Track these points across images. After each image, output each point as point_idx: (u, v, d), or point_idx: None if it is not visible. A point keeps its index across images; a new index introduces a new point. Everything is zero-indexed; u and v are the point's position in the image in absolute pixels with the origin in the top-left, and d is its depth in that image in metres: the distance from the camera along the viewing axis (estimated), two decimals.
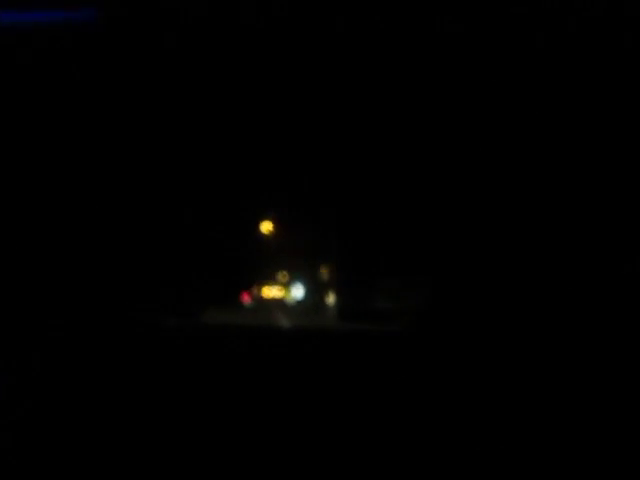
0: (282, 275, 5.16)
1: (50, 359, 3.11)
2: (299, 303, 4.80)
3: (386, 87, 3.47)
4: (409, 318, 3.69)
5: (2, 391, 2.86)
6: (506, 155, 3.31)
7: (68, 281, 3.51)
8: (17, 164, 3.40)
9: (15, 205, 3.45)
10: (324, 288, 4.69)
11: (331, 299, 4.56)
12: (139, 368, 3.17)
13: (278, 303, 4.90)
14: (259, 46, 3.32)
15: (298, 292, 4.91)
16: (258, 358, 3.36)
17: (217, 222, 4.08)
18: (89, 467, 2.40)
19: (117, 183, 3.62)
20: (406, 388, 3.05)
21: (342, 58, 3.37)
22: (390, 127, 3.60)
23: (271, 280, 5.22)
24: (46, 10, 3.00)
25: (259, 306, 4.73)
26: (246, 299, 4.91)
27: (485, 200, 3.44)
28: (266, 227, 4.36)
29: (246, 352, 3.48)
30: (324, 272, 4.74)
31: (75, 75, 3.33)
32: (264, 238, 4.37)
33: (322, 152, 3.83)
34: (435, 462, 2.48)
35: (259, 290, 5.15)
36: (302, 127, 3.76)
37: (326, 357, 3.36)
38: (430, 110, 3.49)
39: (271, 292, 5.08)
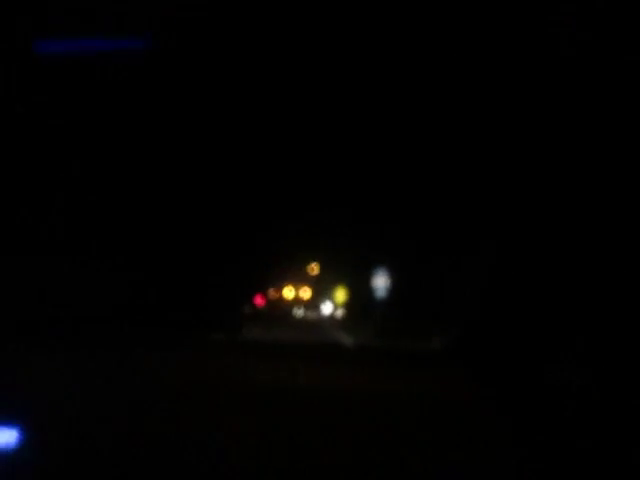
0: (311, 268, 4.22)
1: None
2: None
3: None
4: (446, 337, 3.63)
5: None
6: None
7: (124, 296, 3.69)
8: (64, 198, 3.52)
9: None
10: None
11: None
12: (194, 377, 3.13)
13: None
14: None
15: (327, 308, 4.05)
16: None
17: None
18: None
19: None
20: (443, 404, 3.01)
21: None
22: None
23: (296, 277, 4.43)
24: (95, 39, 3.10)
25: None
26: (259, 302, 4.34)
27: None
28: None
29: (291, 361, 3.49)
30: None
31: (125, 104, 3.46)
32: None
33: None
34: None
35: (277, 291, 4.35)
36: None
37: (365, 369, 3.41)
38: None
39: (291, 293, 4.28)
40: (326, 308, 4.31)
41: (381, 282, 3.85)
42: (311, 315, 4.46)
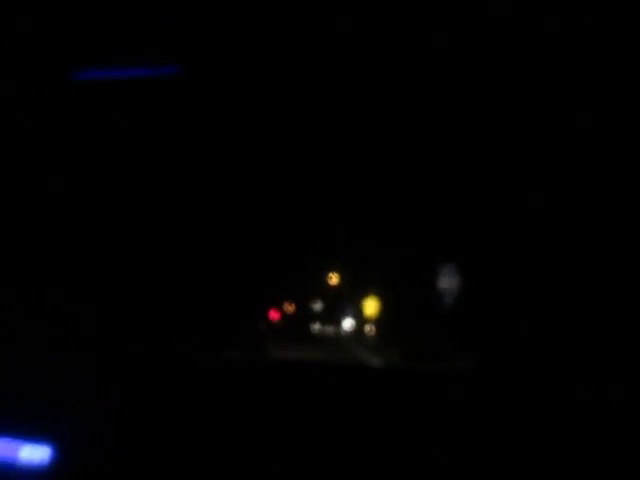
0: (329, 278, 3.94)
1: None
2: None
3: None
4: (472, 359, 3.43)
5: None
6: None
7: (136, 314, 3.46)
8: (96, 224, 3.40)
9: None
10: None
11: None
12: (206, 401, 3.00)
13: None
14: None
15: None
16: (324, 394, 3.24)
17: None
18: None
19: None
20: (471, 427, 2.92)
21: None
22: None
23: (313, 289, 4.21)
24: (126, 67, 3.08)
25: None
26: (274, 317, 4.20)
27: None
28: None
29: (315, 387, 3.37)
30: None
31: (157, 131, 3.39)
32: None
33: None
34: None
35: (292, 304, 4.16)
36: None
37: (393, 395, 3.26)
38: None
39: (308, 306, 4.15)
40: (346, 323, 4.03)
41: (450, 284, 3.10)
42: (329, 331, 4.20)
